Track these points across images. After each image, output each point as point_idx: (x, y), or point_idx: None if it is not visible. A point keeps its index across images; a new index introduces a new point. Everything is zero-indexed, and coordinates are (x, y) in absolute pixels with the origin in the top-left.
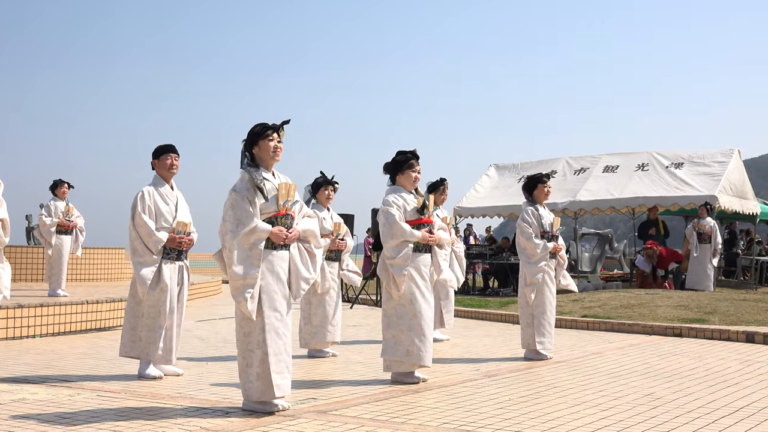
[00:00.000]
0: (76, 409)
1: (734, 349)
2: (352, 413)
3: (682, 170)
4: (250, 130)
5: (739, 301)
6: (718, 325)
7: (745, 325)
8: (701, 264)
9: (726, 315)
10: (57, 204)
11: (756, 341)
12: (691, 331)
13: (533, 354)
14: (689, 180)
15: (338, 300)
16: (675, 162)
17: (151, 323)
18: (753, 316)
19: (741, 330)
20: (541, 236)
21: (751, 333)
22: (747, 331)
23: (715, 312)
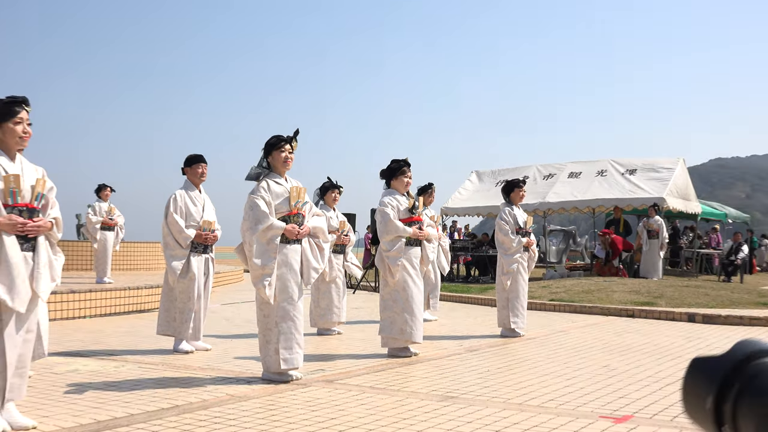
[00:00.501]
0: (121, 379)
1: (678, 328)
2: (354, 382)
3: (635, 176)
4: (267, 141)
5: (683, 287)
6: (665, 308)
7: (687, 307)
8: (651, 256)
9: (671, 299)
10: (101, 205)
11: (696, 321)
12: (642, 313)
13: (508, 332)
14: (641, 184)
15: (343, 286)
16: (629, 169)
17: (183, 306)
18: (694, 299)
19: (684, 311)
20: (517, 232)
21: (693, 314)
22: (689, 313)
23: (662, 296)
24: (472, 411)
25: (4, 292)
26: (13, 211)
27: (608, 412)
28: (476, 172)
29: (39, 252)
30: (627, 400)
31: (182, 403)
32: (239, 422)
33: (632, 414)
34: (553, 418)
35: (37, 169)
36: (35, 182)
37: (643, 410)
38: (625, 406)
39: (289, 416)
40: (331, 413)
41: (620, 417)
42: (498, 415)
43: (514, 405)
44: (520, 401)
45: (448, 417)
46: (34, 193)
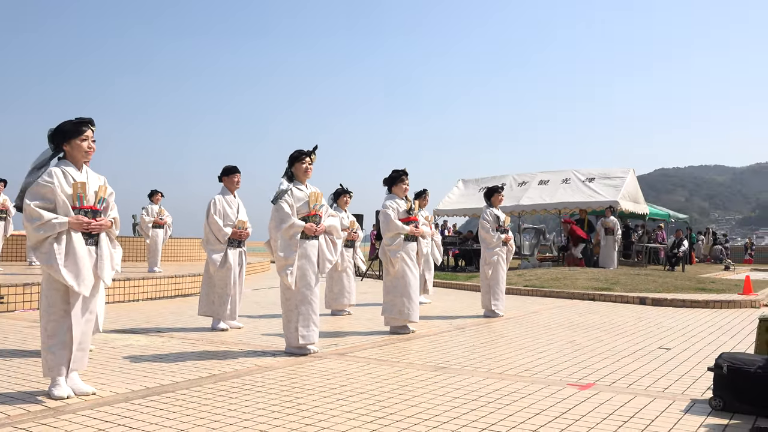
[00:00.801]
0: (167, 352)
1: (631, 309)
2: (362, 355)
3: (593, 183)
4: (291, 154)
5: (635, 275)
6: (620, 292)
7: (639, 292)
8: (607, 249)
9: (625, 285)
10: (153, 207)
11: (647, 303)
12: (601, 297)
13: (490, 313)
14: (599, 190)
15: (352, 275)
16: (588, 177)
17: (221, 292)
18: (644, 285)
19: (636, 295)
20: (497, 230)
21: (643, 297)
22: (640, 296)
23: (618, 283)
24: (460, 379)
25: (71, 279)
26: (80, 213)
27: (574, 380)
28: (462, 179)
29: (101, 246)
30: (590, 370)
31: (218, 373)
32: (266, 388)
33: (594, 382)
34: (528, 385)
35: (100, 177)
36: (98, 188)
37: (604, 378)
38: (588, 375)
39: (307, 383)
40: (342, 381)
41: (584, 384)
42: (482, 383)
43: (495, 374)
44: (500, 371)
45: (440, 384)
46: (96, 198)
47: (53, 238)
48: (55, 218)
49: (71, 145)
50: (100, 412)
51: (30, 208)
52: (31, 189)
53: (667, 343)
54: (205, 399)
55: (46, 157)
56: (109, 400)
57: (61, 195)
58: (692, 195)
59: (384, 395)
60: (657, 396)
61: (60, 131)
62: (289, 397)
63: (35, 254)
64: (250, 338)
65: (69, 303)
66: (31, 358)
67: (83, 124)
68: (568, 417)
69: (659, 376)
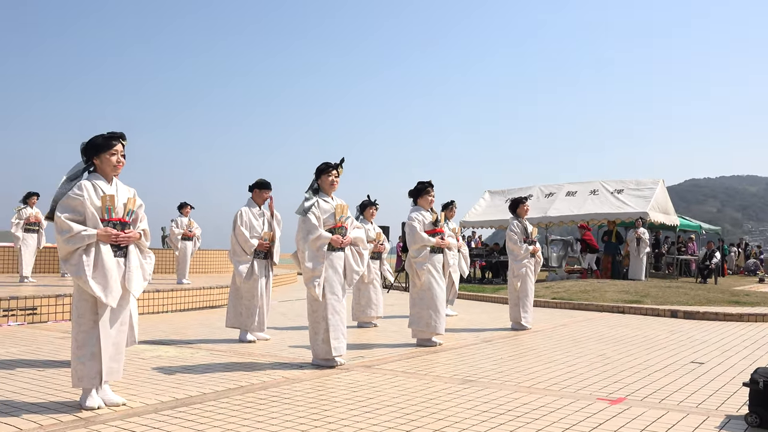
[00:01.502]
0: (196, 363)
1: (662, 322)
2: (389, 367)
3: (622, 194)
4: (317, 167)
5: (665, 287)
6: (651, 305)
7: (670, 305)
8: (637, 261)
9: (656, 297)
10: (182, 219)
11: (678, 316)
12: (631, 309)
13: (518, 325)
14: (628, 201)
15: (379, 287)
16: (617, 189)
17: (248, 303)
18: (675, 298)
19: (667, 308)
20: (524, 241)
21: (675, 310)
22: (671, 309)
23: (648, 295)
24: (488, 393)
25: (99, 290)
26: (108, 225)
27: (604, 394)
28: (489, 191)
29: (130, 258)
30: (620, 385)
31: (246, 384)
32: (292, 400)
33: (625, 396)
34: (557, 399)
35: (129, 190)
36: (127, 201)
37: (635, 393)
38: (619, 390)
39: (334, 396)
40: (369, 394)
41: (615, 399)
42: (510, 396)
43: (523, 388)
44: (528, 384)
45: (468, 398)
46: (125, 210)
47: (82, 250)
48: (84, 230)
49: (101, 159)
50: (130, 423)
51: (60, 221)
52: (61, 201)
53: (701, 357)
54: (233, 411)
55: (79, 170)
56: (138, 410)
57: (91, 207)
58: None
59: (411, 408)
60: (690, 411)
61: (91, 145)
62: (316, 410)
63: (65, 266)
64: (277, 350)
65: (98, 314)
66: (64, 369)
67: (114, 138)
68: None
69: (692, 391)
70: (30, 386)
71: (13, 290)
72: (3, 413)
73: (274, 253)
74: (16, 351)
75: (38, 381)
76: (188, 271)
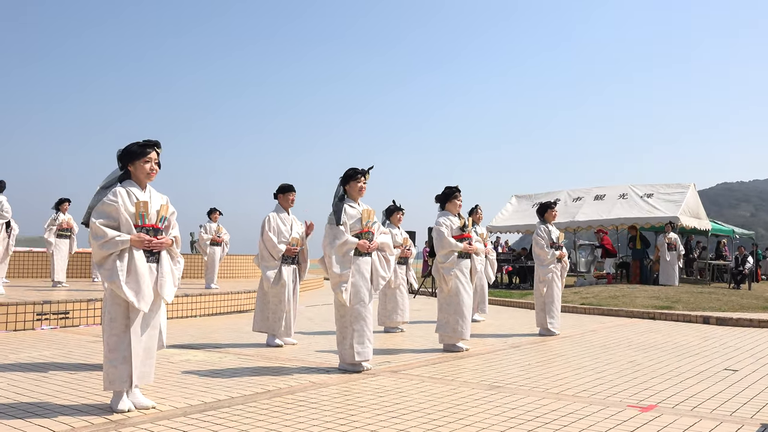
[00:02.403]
0: (224, 367)
1: (694, 329)
2: (415, 372)
3: (652, 198)
4: (345, 172)
5: (697, 293)
6: (682, 311)
7: (702, 311)
8: (668, 266)
9: (687, 303)
10: (211, 225)
11: (710, 323)
12: (662, 315)
13: (545, 331)
14: (658, 205)
15: (405, 292)
16: (647, 193)
17: (275, 308)
18: (708, 304)
19: (699, 314)
20: (551, 246)
21: (707, 316)
22: (703, 315)
23: (679, 301)
24: (515, 399)
25: (132, 295)
26: (142, 231)
27: (635, 401)
28: (516, 195)
29: (162, 263)
30: (651, 392)
31: (273, 389)
32: (319, 405)
33: (656, 404)
34: (586, 406)
35: (162, 197)
36: (160, 207)
37: (666, 400)
38: (650, 397)
39: (360, 401)
40: (395, 399)
41: (646, 406)
42: (538, 403)
43: (552, 394)
44: (557, 391)
45: (495, 404)
46: (158, 216)
47: (116, 255)
48: (118, 236)
49: (135, 166)
50: (159, 426)
51: (95, 226)
52: (97, 207)
53: (734, 364)
54: (261, 414)
55: (115, 177)
56: (168, 414)
57: (125, 213)
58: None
59: (438, 414)
60: (724, 420)
61: (126, 152)
62: (343, 414)
63: (99, 270)
64: (304, 354)
65: (130, 318)
66: (95, 372)
67: (148, 146)
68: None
69: (726, 399)
70: (62, 389)
71: (46, 294)
72: (36, 415)
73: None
74: (49, 354)
75: (70, 384)
76: (216, 276)
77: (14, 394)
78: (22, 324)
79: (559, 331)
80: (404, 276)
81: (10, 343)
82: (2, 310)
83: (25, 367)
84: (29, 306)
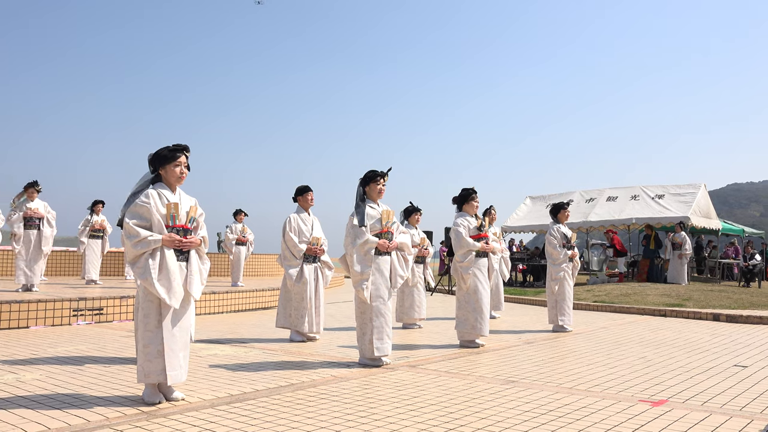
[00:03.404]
0: (249, 361)
1: (704, 326)
2: (433, 367)
3: (663, 199)
4: (365, 174)
5: (707, 291)
6: (693, 308)
7: (712, 308)
8: (676, 265)
9: (698, 301)
10: (237, 225)
11: (720, 320)
12: (673, 312)
13: (558, 328)
14: (668, 206)
15: (423, 289)
16: (658, 194)
17: (298, 305)
18: (718, 302)
19: (709, 311)
20: (563, 246)
21: (717, 314)
22: (713, 313)
23: (690, 299)
24: (530, 393)
25: (164, 292)
26: (172, 231)
27: (646, 396)
28: (530, 196)
29: (191, 262)
30: (662, 387)
31: (296, 382)
32: (341, 398)
33: (667, 399)
34: (598, 400)
35: (191, 199)
36: (189, 209)
37: (677, 395)
38: (661, 392)
39: (380, 394)
40: (414, 392)
41: (657, 401)
42: (552, 397)
43: (565, 389)
44: (570, 386)
45: (510, 398)
46: (188, 217)
47: (148, 254)
48: (150, 236)
49: (166, 170)
50: (188, 417)
51: (129, 226)
52: (130, 209)
53: (744, 360)
54: (284, 407)
55: (147, 179)
56: (196, 405)
57: (156, 214)
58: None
59: (455, 407)
60: (734, 414)
61: (157, 156)
62: (363, 407)
63: (132, 269)
64: (326, 349)
65: (161, 314)
66: (128, 365)
67: (178, 150)
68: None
69: (736, 394)
70: (97, 381)
71: (81, 292)
72: (73, 406)
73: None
74: (85, 348)
75: (104, 377)
76: (242, 274)
77: (52, 385)
78: (59, 319)
79: (571, 327)
80: (421, 274)
81: (48, 338)
82: (41, 307)
83: (62, 361)
84: (66, 303)
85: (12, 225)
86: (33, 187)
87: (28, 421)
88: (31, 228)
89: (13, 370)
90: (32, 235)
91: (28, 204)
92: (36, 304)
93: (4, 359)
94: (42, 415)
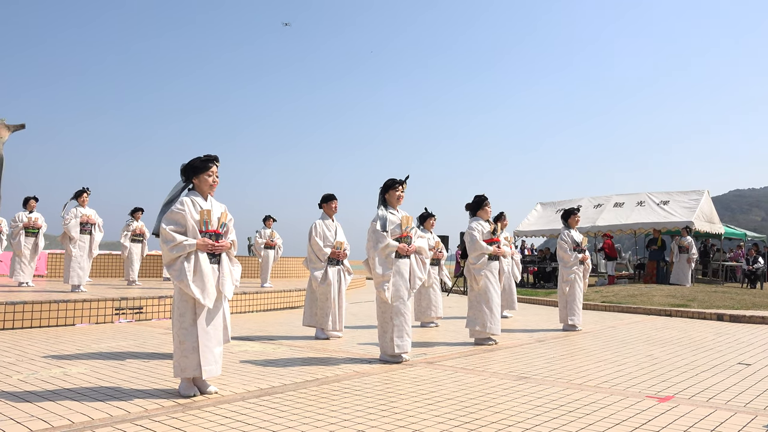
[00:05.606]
0: (277, 357)
1: (709, 325)
2: (449, 364)
3: (668, 205)
4: (384, 182)
5: (712, 292)
6: (697, 309)
7: (716, 308)
8: (681, 267)
9: (702, 302)
10: (265, 230)
11: (724, 320)
12: (678, 312)
13: (568, 327)
14: (673, 211)
15: (438, 290)
16: (664, 200)
17: (322, 305)
18: (721, 302)
19: (713, 312)
20: (574, 249)
21: (721, 314)
22: (717, 313)
23: (695, 300)
24: (541, 389)
25: (198, 293)
26: (205, 236)
27: (653, 392)
28: (540, 202)
29: (222, 264)
30: (668, 383)
31: (321, 377)
32: (362, 392)
33: (673, 395)
34: (607, 396)
35: (221, 206)
36: (220, 215)
37: (683, 392)
38: (668, 388)
39: (400, 389)
40: (431, 387)
41: (663, 397)
42: (562, 393)
43: (575, 385)
44: (579, 382)
45: (522, 393)
46: (219, 223)
47: (184, 257)
48: (185, 240)
49: (199, 179)
50: (221, 409)
51: (165, 232)
52: (166, 215)
53: (747, 358)
54: (310, 400)
55: (180, 188)
56: (228, 398)
57: (191, 220)
58: None
59: (470, 402)
60: (738, 410)
61: (191, 167)
62: (384, 401)
63: (169, 271)
64: (349, 347)
65: (196, 313)
66: (165, 360)
67: (210, 161)
68: (647, 428)
69: (740, 391)
70: (137, 375)
71: (123, 292)
72: (115, 398)
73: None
74: (125, 344)
75: (143, 371)
76: (269, 275)
77: (95, 379)
78: (102, 318)
79: (581, 326)
80: (437, 276)
81: (93, 335)
82: (86, 306)
83: (105, 356)
84: (108, 302)
85: (69, 229)
86: (84, 193)
87: (74, 412)
88: (84, 233)
89: (60, 365)
90: (85, 239)
91: (81, 210)
92: (81, 303)
93: (52, 354)
94: (86, 406)
